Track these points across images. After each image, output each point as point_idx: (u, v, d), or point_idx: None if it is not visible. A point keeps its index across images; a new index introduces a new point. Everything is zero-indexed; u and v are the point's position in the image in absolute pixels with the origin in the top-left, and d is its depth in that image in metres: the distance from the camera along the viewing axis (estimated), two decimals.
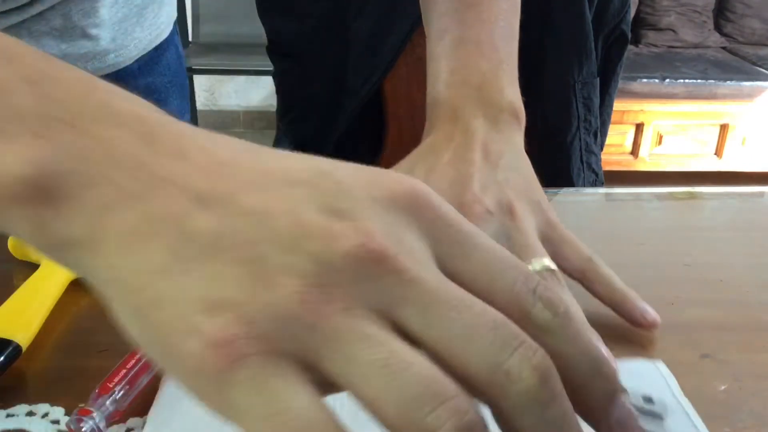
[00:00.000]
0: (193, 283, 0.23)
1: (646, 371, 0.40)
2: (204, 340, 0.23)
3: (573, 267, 0.45)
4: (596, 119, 0.98)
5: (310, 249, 0.24)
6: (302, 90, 0.99)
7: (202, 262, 0.24)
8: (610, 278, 0.45)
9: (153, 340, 0.24)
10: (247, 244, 0.24)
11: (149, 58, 0.77)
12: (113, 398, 0.35)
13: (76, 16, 0.67)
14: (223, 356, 0.22)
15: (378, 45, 0.92)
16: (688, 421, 0.37)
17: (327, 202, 0.25)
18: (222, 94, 3.50)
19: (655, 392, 0.37)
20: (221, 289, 0.23)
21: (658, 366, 0.41)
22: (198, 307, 0.23)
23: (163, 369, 0.25)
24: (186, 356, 0.23)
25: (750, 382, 0.40)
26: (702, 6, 3.51)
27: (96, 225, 0.24)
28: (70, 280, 0.47)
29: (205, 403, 0.24)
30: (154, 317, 0.24)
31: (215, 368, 0.23)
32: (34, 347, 0.41)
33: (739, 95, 3.10)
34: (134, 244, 0.24)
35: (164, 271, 0.24)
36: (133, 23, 0.73)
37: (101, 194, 0.24)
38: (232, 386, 0.23)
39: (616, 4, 0.97)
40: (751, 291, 0.50)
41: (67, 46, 0.68)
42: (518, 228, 0.44)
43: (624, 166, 3.04)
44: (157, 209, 0.24)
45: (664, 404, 0.37)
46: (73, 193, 0.24)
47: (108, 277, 0.25)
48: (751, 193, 0.69)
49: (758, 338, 0.45)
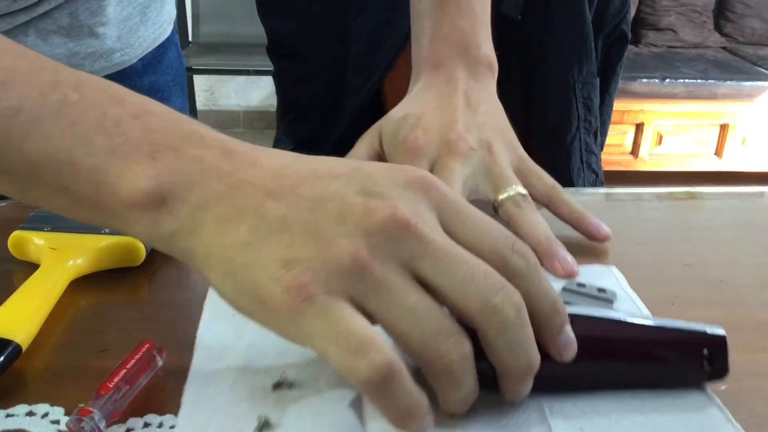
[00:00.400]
0: (270, 250, 0.33)
1: (601, 272, 0.50)
2: (282, 287, 0.32)
3: (540, 193, 0.55)
4: (596, 119, 0.98)
5: (355, 221, 0.34)
6: (302, 90, 0.99)
7: (277, 236, 0.33)
8: (571, 203, 0.55)
9: (242, 294, 0.34)
10: (308, 221, 0.34)
11: (152, 56, 0.77)
12: (113, 398, 0.35)
13: (83, 15, 0.68)
14: (296, 296, 0.32)
15: (378, 45, 0.92)
16: (632, 303, 0.46)
17: (363, 188, 0.35)
18: (222, 94, 3.50)
19: (607, 285, 0.47)
20: (292, 252, 0.33)
21: (611, 269, 0.50)
22: (276, 265, 0.33)
23: (250, 315, 0.34)
24: (269, 300, 0.32)
25: (750, 382, 0.40)
26: (702, 6, 3.51)
27: (196, 217, 0.34)
28: (70, 280, 0.47)
29: (283, 335, 0.33)
30: (243, 276, 0.33)
31: (291, 306, 0.32)
32: (34, 347, 0.41)
33: (739, 95, 3.10)
34: (225, 228, 0.34)
35: (248, 243, 0.33)
36: (137, 22, 0.74)
37: (199, 195, 0.34)
38: (304, 317, 0.32)
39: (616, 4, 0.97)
40: (751, 291, 0.50)
41: (74, 45, 0.68)
42: (496, 162, 0.54)
43: (624, 166, 3.04)
44: (239, 202, 0.34)
45: (614, 293, 0.46)
46: (179, 197, 0.34)
47: (206, 254, 0.34)
48: (751, 193, 0.69)
49: (758, 338, 0.45)
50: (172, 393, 0.38)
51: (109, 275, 0.49)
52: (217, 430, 0.35)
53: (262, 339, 0.41)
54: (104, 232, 0.49)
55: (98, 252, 0.49)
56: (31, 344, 0.41)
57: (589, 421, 0.36)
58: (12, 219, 0.53)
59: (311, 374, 0.39)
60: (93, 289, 0.47)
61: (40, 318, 0.43)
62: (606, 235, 0.53)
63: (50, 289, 0.45)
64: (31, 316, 0.42)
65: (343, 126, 0.95)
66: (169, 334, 0.42)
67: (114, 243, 0.49)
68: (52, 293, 0.45)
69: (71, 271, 0.47)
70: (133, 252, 0.49)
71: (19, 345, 0.39)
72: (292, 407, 0.37)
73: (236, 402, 0.37)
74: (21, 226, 0.50)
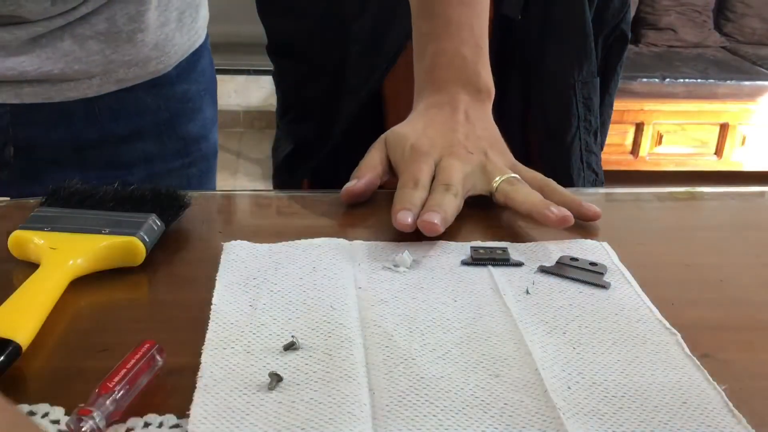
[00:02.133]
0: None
1: (594, 247, 0.54)
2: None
3: (534, 187, 0.58)
4: (596, 119, 0.98)
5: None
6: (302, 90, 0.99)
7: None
8: (563, 192, 0.59)
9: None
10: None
11: (186, 64, 0.75)
12: (113, 398, 0.35)
13: (121, 21, 0.66)
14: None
15: (378, 45, 0.92)
16: (622, 276, 0.50)
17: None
18: (222, 94, 3.48)
19: (598, 260, 0.52)
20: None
21: (602, 244, 0.54)
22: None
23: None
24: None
25: (750, 382, 0.40)
26: (702, 6, 3.51)
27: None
28: (70, 280, 0.47)
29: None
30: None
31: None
32: (34, 347, 0.41)
33: (739, 95, 3.10)
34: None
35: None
36: (173, 28, 0.72)
37: None
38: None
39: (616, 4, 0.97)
40: (751, 291, 0.50)
41: (111, 52, 0.67)
42: (490, 161, 0.60)
43: (624, 166, 3.04)
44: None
45: (604, 266, 0.51)
46: None
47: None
48: (751, 193, 0.69)
49: (758, 338, 0.45)
50: (172, 393, 0.38)
51: (109, 275, 0.49)
52: (234, 387, 0.38)
53: (273, 305, 0.45)
54: (104, 232, 0.49)
55: (98, 252, 0.48)
56: (31, 344, 0.41)
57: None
58: (12, 219, 0.53)
59: (320, 337, 0.42)
60: (93, 289, 0.47)
61: (40, 318, 0.43)
62: (597, 214, 0.58)
63: (50, 289, 0.45)
64: (31, 316, 0.42)
65: (343, 126, 0.95)
66: (169, 334, 0.42)
67: (114, 243, 0.49)
68: (52, 293, 0.45)
69: (71, 271, 0.47)
70: (133, 252, 0.49)
71: (19, 345, 0.39)
72: (304, 366, 0.39)
73: (251, 362, 0.39)
74: (21, 226, 0.50)
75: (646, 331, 0.44)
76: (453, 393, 0.38)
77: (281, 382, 0.38)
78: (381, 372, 0.39)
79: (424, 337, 0.42)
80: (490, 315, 0.45)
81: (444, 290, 0.47)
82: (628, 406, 0.38)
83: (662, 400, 0.38)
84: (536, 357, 0.41)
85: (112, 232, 0.49)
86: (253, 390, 0.37)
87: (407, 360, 0.40)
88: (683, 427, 0.36)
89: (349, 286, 0.47)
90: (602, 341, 0.43)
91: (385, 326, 0.43)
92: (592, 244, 0.54)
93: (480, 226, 0.57)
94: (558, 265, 0.50)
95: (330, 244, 0.52)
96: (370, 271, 0.49)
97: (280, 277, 0.48)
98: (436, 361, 0.40)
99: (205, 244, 0.53)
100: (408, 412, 0.36)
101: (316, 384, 0.38)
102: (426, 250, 0.52)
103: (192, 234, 0.55)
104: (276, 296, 0.46)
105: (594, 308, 0.46)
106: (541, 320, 0.44)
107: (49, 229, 0.50)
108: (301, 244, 0.52)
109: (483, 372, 0.40)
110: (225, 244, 0.51)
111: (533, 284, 0.48)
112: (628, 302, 0.47)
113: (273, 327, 0.43)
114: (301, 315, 0.44)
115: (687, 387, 0.39)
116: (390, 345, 0.41)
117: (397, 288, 0.47)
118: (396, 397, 0.37)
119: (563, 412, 0.37)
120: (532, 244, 0.54)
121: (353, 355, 0.40)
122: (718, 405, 0.38)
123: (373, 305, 0.45)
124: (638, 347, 0.42)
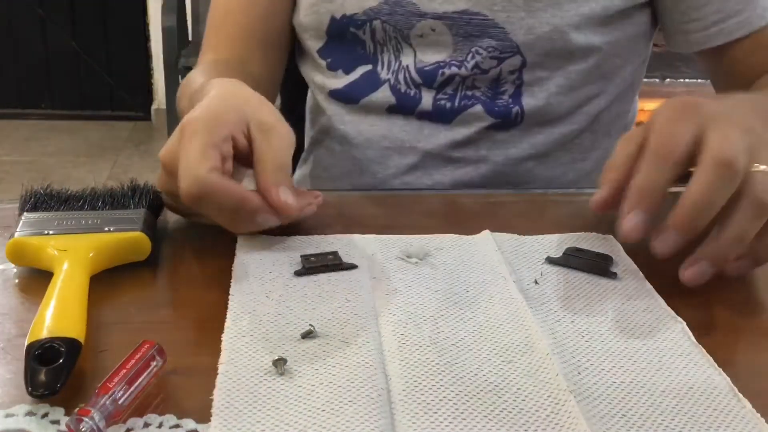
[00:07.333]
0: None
1: (600, 239, 0.55)
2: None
3: None
4: None
5: None
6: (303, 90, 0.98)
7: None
8: None
9: None
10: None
11: None
12: (113, 398, 0.35)
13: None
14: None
15: None
16: (628, 268, 0.52)
17: None
18: None
19: (605, 251, 0.53)
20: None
21: (607, 237, 0.56)
22: None
23: None
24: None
25: (750, 383, 0.40)
26: None
27: None
28: (90, 275, 0.47)
29: None
30: None
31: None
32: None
33: None
34: None
35: None
36: None
37: None
38: None
39: None
40: (752, 291, 0.50)
41: None
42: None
43: None
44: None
45: (611, 258, 0.52)
46: None
47: None
48: None
49: (758, 338, 0.46)
50: (172, 393, 0.38)
51: (112, 274, 0.49)
52: (255, 373, 0.39)
53: (289, 296, 0.46)
54: (107, 230, 0.49)
55: (108, 249, 0.49)
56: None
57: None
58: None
59: (337, 326, 0.43)
60: (94, 288, 0.46)
61: (85, 314, 0.43)
62: None
63: (82, 286, 0.45)
64: (81, 314, 0.42)
65: None
66: (169, 334, 0.42)
67: (120, 239, 0.49)
68: (84, 290, 0.45)
69: (91, 267, 0.47)
70: (139, 247, 0.49)
71: (81, 342, 0.40)
72: (321, 353, 0.41)
73: (270, 348, 0.41)
74: (18, 233, 0.49)
75: (652, 319, 0.45)
76: (467, 379, 0.39)
77: (298, 370, 0.39)
78: (396, 359, 0.40)
79: (437, 326, 0.44)
80: (501, 304, 0.46)
81: (456, 281, 0.48)
82: (636, 391, 0.39)
83: (669, 385, 0.39)
84: (547, 344, 0.42)
85: (116, 230, 0.49)
86: (274, 375, 0.39)
87: (421, 348, 0.42)
88: (690, 411, 0.38)
89: (363, 277, 0.48)
90: (610, 329, 0.44)
91: (399, 315, 0.44)
92: (599, 237, 0.55)
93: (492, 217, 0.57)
94: (565, 256, 0.52)
95: (342, 240, 0.53)
96: (384, 262, 0.50)
97: (295, 269, 0.49)
98: (449, 348, 0.42)
99: (206, 244, 0.53)
100: (424, 397, 0.38)
101: (334, 369, 0.39)
102: (438, 243, 0.53)
103: (192, 234, 0.55)
104: (291, 289, 0.47)
105: (601, 298, 0.48)
106: (550, 309, 0.46)
107: (53, 233, 0.49)
108: (314, 240, 0.53)
109: (496, 358, 0.41)
110: (240, 237, 0.52)
111: (542, 275, 0.50)
112: (634, 292, 0.48)
113: (289, 316, 0.44)
114: (317, 305, 0.45)
115: (693, 373, 0.41)
116: (404, 333, 0.43)
117: (410, 278, 0.49)
118: (412, 383, 0.39)
119: (574, 395, 0.38)
120: (540, 236, 0.55)
121: (369, 342, 0.41)
122: (724, 389, 0.39)
123: (387, 295, 0.47)
124: (645, 335, 0.44)
